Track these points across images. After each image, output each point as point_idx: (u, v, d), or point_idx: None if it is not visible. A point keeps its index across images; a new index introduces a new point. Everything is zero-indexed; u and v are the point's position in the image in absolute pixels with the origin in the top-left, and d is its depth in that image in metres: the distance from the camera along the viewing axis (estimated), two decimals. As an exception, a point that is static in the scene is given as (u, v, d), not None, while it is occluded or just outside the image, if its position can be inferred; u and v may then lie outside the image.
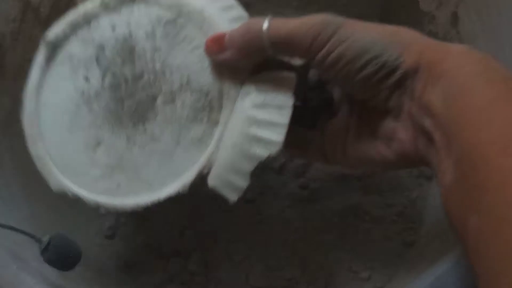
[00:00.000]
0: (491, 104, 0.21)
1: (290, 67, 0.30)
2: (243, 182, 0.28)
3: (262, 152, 0.28)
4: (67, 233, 0.31)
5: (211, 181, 0.29)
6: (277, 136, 0.28)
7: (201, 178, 0.30)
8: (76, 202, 0.43)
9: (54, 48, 0.32)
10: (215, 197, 0.28)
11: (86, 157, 0.32)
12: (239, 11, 0.31)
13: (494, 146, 0.20)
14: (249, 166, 0.28)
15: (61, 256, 0.30)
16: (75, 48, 0.32)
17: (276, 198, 0.41)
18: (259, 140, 0.28)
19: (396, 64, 0.25)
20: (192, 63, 0.30)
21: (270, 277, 0.38)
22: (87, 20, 0.32)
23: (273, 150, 0.28)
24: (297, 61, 0.30)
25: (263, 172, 0.41)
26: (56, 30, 0.32)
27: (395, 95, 0.27)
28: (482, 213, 0.19)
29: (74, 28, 0.32)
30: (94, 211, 0.42)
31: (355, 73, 0.26)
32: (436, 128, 0.23)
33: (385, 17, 0.48)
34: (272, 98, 0.29)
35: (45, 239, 0.29)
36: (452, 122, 0.22)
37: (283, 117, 0.28)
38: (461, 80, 0.23)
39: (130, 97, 0.31)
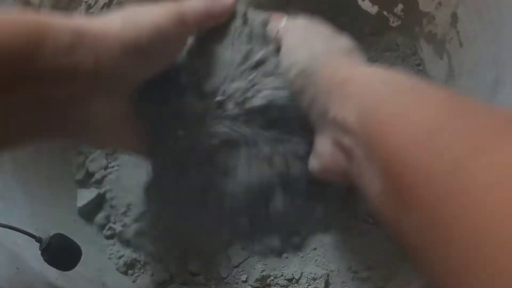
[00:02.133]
0: (403, 109, 0.22)
1: None
2: None
3: None
4: (67, 233, 0.31)
5: None
6: None
7: None
8: (76, 202, 0.42)
9: None
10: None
11: None
12: None
13: (415, 146, 0.21)
14: None
15: (61, 256, 0.30)
16: None
17: (276, 198, 0.40)
18: None
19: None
20: None
21: (270, 277, 0.38)
22: None
23: None
24: None
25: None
26: None
27: (312, 115, 0.30)
28: (415, 210, 0.20)
29: None
30: (94, 211, 0.42)
31: None
32: (356, 144, 0.25)
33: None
34: None
35: (45, 239, 0.29)
36: (369, 133, 0.24)
37: None
38: (370, 95, 0.25)
39: None
